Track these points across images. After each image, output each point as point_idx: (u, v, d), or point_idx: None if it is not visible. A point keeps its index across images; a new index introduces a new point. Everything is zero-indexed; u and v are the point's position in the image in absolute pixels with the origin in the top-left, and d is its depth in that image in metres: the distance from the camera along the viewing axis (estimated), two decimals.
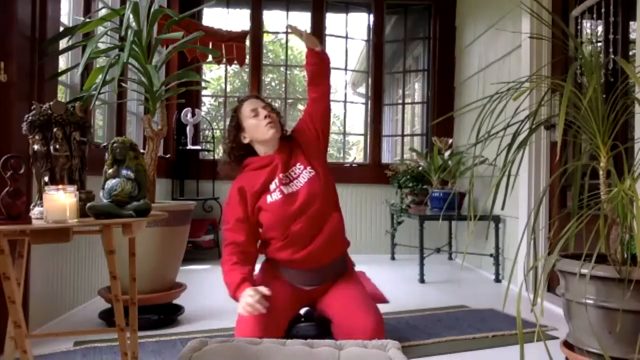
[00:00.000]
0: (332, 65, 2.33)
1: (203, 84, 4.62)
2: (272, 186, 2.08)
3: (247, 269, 1.98)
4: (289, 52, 5.46)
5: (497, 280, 3.53)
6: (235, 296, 1.94)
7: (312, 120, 2.20)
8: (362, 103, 5.22)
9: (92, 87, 2.29)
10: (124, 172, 1.58)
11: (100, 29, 2.47)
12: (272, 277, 2.10)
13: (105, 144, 2.82)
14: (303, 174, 2.10)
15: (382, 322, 1.97)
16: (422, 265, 3.53)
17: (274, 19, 5.43)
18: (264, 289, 1.87)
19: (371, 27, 5.01)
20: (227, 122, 2.26)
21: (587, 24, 2.76)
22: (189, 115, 4.38)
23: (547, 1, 2.95)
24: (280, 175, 2.08)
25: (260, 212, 2.08)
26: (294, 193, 2.06)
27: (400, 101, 5.88)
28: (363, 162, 5.03)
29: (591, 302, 1.41)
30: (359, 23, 5.26)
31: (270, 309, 1.91)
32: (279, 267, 2.13)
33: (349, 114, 5.31)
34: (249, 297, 1.84)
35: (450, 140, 4.15)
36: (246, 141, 2.17)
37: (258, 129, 2.12)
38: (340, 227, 2.14)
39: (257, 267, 2.14)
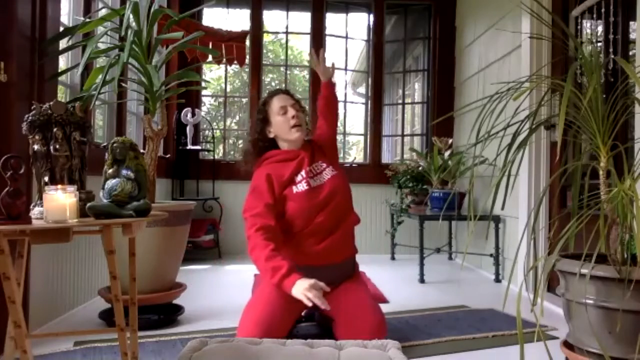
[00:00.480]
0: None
1: (203, 84, 4.62)
2: (299, 178, 2.12)
3: (286, 257, 1.91)
4: (289, 52, 5.45)
5: (497, 280, 3.53)
6: (279, 283, 1.84)
7: (324, 138, 2.31)
8: (362, 103, 5.22)
9: (92, 87, 2.29)
10: (124, 172, 1.58)
11: (100, 29, 2.47)
12: None
13: (105, 144, 2.82)
14: (327, 170, 2.17)
15: (384, 323, 1.99)
16: (422, 265, 3.53)
17: (274, 19, 5.43)
18: (323, 285, 1.81)
19: (371, 27, 5.01)
20: (255, 113, 2.29)
21: (587, 24, 2.76)
22: (189, 115, 4.38)
23: (547, 1, 2.95)
24: (307, 168, 2.14)
25: (285, 202, 2.08)
26: (319, 186, 2.12)
27: (400, 101, 5.88)
28: (363, 162, 5.03)
29: (591, 302, 1.40)
30: (359, 23, 5.26)
31: (273, 312, 1.92)
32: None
33: (349, 114, 5.31)
34: (313, 289, 1.77)
35: (450, 140, 4.15)
36: (271, 136, 2.22)
37: (284, 128, 2.17)
38: (353, 227, 2.21)
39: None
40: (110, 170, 1.59)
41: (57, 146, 1.58)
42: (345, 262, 2.17)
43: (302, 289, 1.77)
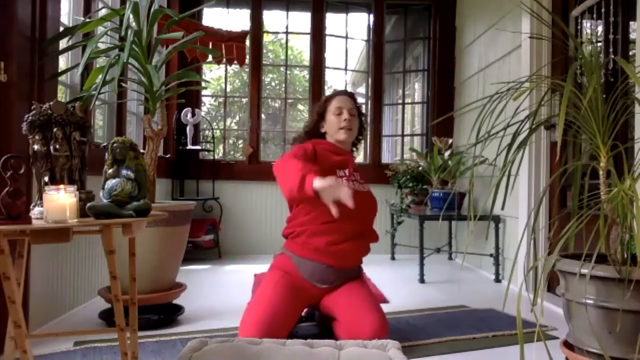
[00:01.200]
0: (333, 65, 2.44)
1: (203, 84, 4.62)
2: (341, 173, 2.16)
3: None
4: (289, 52, 5.45)
5: (497, 280, 3.53)
6: (303, 179, 1.75)
7: None
8: (362, 103, 5.22)
9: (92, 87, 2.29)
10: (124, 172, 1.58)
11: (100, 29, 2.47)
12: (283, 275, 2.10)
13: (105, 144, 2.82)
14: (365, 185, 2.24)
15: (386, 323, 1.99)
16: (422, 265, 3.53)
17: (274, 19, 5.42)
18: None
19: (371, 27, 5.01)
20: (318, 106, 2.35)
21: (587, 24, 2.76)
22: (189, 115, 4.38)
23: (547, 1, 2.95)
24: (351, 169, 2.20)
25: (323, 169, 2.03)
26: (359, 191, 2.15)
27: (400, 101, 5.88)
28: (363, 162, 5.03)
29: (591, 302, 1.40)
30: (359, 23, 5.26)
31: (275, 312, 1.93)
32: (296, 261, 2.12)
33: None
34: (336, 181, 1.74)
35: (450, 140, 4.15)
36: (323, 130, 2.29)
37: (335, 127, 2.24)
38: (370, 244, 2.26)
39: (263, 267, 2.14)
40: (110, 170, 1.59)
41: (57, 146, 1.58)
42: (353, 269, 2.22)
43: (328, 179, 1.71)
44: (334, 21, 5.29)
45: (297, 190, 1.76)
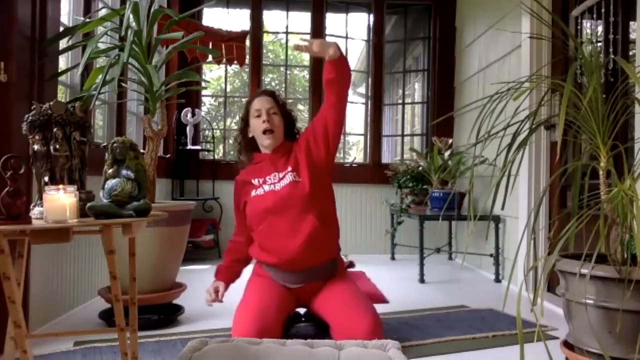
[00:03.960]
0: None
1: (203, 84, 4.62)
2: (256, 182, 2.16)
3: (228, 260, 2.29)
4: (289, 52, 5.45)
5: (497, 280, 3.53)
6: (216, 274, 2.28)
7: (325, 126, 2.16)
8: (362, 103, 5.22)
9: (92, 87, 2.29)
10: (124, 172, 1.58)
11: (100, 29, 2.47)
12: (262, 275, 2.17)
13: (105, 144, 2.82)
14: (287, 177, 2.11)
15: (379, 322, 1.95)
16: (422, 265, 3.53)
17: (274, 19, 5.44)
18: (221, 290, 2.20)
19: (371, 27, 5.01)
20: (242, 112, 2.34)
21: (587, 24, 2.76)
22: (189, 115, 4.38)
23: (547, 1, 2.95)
24: (273, 173, 2.15)
25: (246, 205, 2.17)
26: (274, 192, 2.09)
27: (400, 101, 5.88)
28: (363, 162, 5.03)
29: (591, 302, 1.40)
30: (359, 23, 5.26)
31: (265, 307, 1.95)
32: (266, 267, 2.17)
33: (349, 114, 5.28)
34: (207, 292, 2.20)
35: (450, 140, 4.15)
36: (250, 136, 2.25)
37: (257, 132, 2.20)
38: (322, 236, 2.06)
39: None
40: (110, 170, 1.59)
41: (57, 146, 1.58)
42: (321, 266, 2.12)
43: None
44: (334, 21, 5.29)
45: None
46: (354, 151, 9.95)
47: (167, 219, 2.03)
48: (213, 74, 8.97)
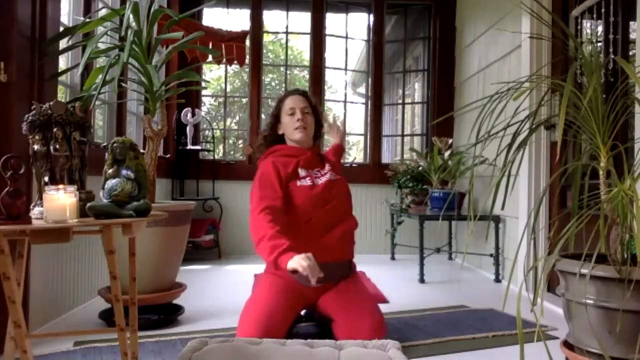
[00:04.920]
0: (333, 65, 2.46)
1: (203, 84, 4.62)
2: (303, 173, 2.17)
3: (288, 239, 1.91)
4: (289, 52, 5.45)
5: (497, 280, 3.53)
6: (277, 258, 1.86)
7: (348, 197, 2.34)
8: (362, 103, 5.22)
9: (92, 87, 2.29)
10: (124, 172, 1.58)
11: (100, 29, 2.47)
12: (277, 278, 2.11)
13: (105, 144, 2.82)
14: (329, 174, 2.22)
15: (383, 323, 1.98)
16: (422, 265, 3.53)
17: (274, 19, 5.42)
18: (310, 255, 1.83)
19: (371, 27, 5.01)
20: (273, 108, 2.37)
21: (587, 24, 2.76)
22: (189, 115, 4.38)
23: (547, 1, 2.95)
24: (314, 170, 2.21)
25: (289, 194, 2.13)
26: (320, 185, 2.16)
27: (400, 101, 5.88)
28: (363, 162, 5.03)
29: (591, 302, 1.40)
30: (359, 23, 5.26)
31: (273, 310, 1.93)
32: None
33: (349, 114, 5.31)
34: (307, 259, 1.79)
35: (450, 140, 4.15)
36: (280, 132, 2.30)
37: (289, 129, 2.25)
38: (353, 234, 2.24)
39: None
40: (110, 170, 1.59)
41: (57, 146, 1.58)
42: (343, 263, 2.19)
43: (298, 259, 1.78)
44: (334, 21, 5.29)
45: (273, 266, 1.89)
46: (354, 151, 9.95)
47: (167, 219, 2.03)
48: (213, 74, 8.97)
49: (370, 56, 5.05)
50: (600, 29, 2.63)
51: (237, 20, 9.35)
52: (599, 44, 2.60)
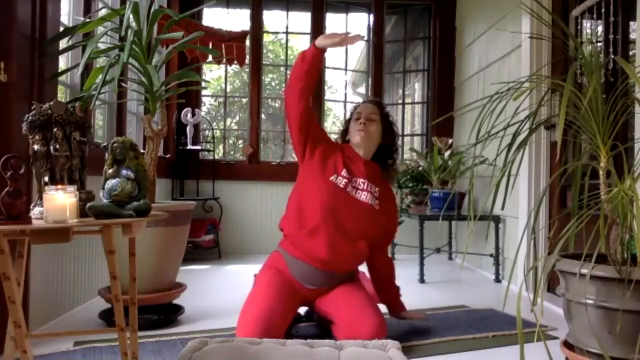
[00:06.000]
0: (332, 65, 2.49)
1: (203, 84, 4.62)
2: (345, 174, 2.15)
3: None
4: (289, 52, 5.45)
5: (497, 280, 3.53)
6: (308, 50, 2.18)
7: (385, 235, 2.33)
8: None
9: (92, 87, 2.29)
10: (124, 172, 1.58)
11: (100, 29, 2.47)
12: (275, 273, 2.12)
13: (105, 144, 2.82)
14: (370, 196, 2.15)
15: (384, 323, 1.98)
16: (422, 265, 3.53)
17: (274, 19, 5.43)
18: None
19: (371, 27, 5.01)
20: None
21: (587, 24, 2.76)
22: (189, 115, 4.38)
23: (547, 1, 2.95)
24: (359, 179, 2.17)
25: (317, 169, 2.16)
26: (357, 200, 2.13)
27: (400, 101, 5.88)
28: None
29: (591, 302, 1.41)
30: (359, 23, 5.26)
31: (272, 310, 1.93)
32: (287, 260, 2.13)
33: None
34: (334, 34, 2.16)
35: (450, 140, 4.15)
36: (347, 138, 2.34)
37: (352, 132, 2.28)
38: (363, 254, 2.17)
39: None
40: (110, 170, 1.59)
41: (57, 146, 1.58)
42: (345, 274, 2.19)
43: (323, 36, 2.15)
44: (334, 21, 5.30)
45: (300, 64, 2.16)
46: None
47: (167, 219, 2.03)
48: (213, 74, 8.97)
49: (370, 56, 5.05)
50: (600, 29, 2.63)
51: (237, 20, 9.36)
52: (599, 44, 2.60)
